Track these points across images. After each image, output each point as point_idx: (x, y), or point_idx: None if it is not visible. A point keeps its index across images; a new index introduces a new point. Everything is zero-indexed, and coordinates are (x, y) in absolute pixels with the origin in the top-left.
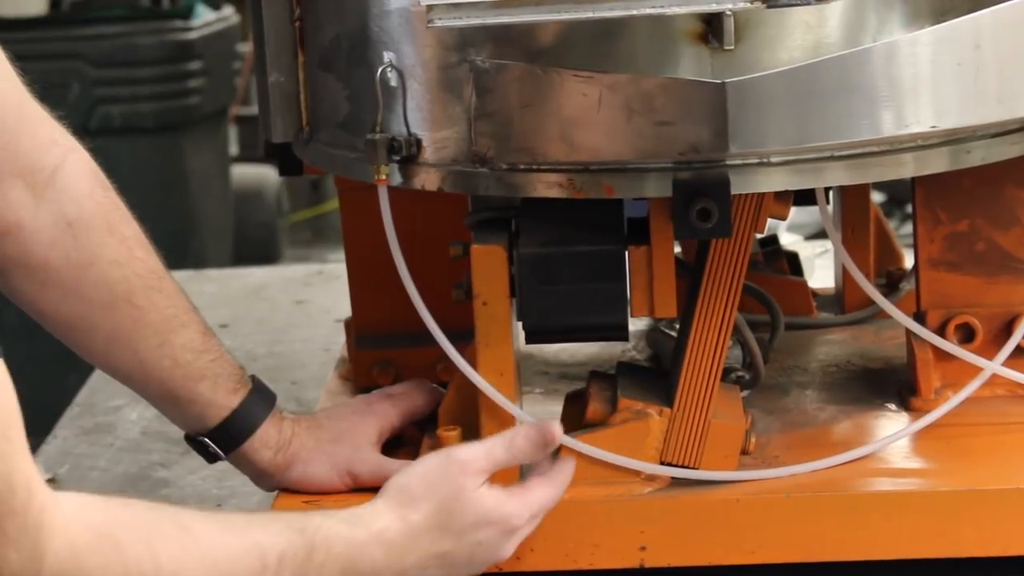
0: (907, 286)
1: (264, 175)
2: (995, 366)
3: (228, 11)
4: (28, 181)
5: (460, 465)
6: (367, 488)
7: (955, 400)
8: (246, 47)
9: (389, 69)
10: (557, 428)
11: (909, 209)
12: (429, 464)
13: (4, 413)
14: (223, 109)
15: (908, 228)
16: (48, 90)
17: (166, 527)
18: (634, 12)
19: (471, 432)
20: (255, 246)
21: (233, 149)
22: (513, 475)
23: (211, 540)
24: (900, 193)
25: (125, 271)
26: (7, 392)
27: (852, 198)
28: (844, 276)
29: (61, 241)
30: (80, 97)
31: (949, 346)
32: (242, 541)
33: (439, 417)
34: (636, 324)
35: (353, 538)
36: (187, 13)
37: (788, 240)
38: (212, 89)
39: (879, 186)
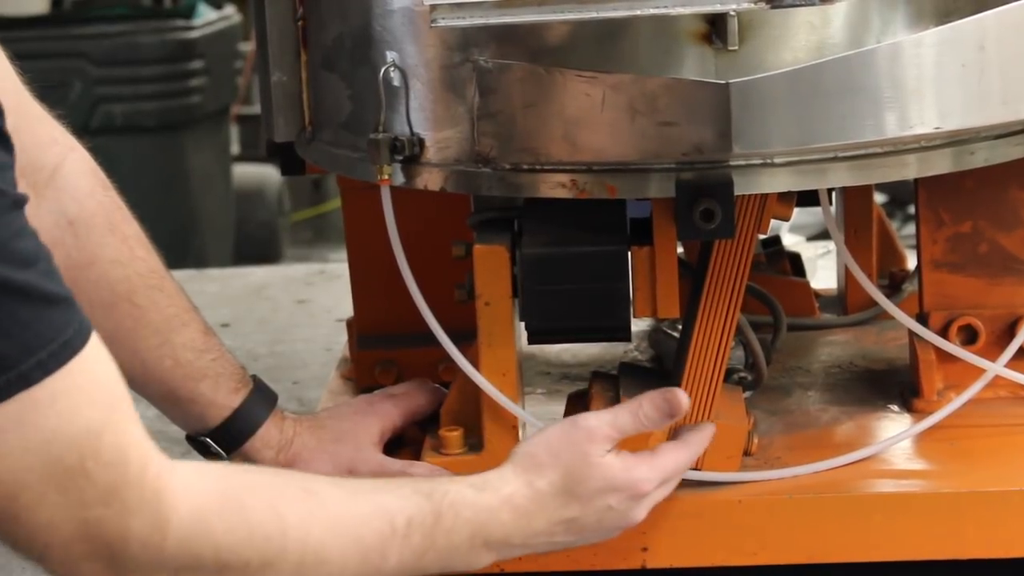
0: (910, 287)
1: (265, 174)
2: (998, 368)
3: (230, 10)
4: (28, 180)
5: (586, 432)
6: None
7: (958, 402)
8: (248, 46)
9: (392, 69)
10: (685, 396)
11: (911, 210)
12: (554, 432)
13: (109, 385)
14: (224, 108)
15: (910, 229)
16: (50, 89)
17: (291, 491)
18: (638, 12)
19: (473, 433)
20: (256, 245)
21: (234, 148)
22: (642, 443)
23: (338, 504)
24: (902, 194)
25: (126, 270)
26: (109, 364)
27: (855, 199)
28: (847, 277)
29: (61, 240)
30: (82, 96)
31: (952, 347)
32: (369, 505)
33: (441, 417)
34: (639, 325)
35: (481, 503)
36: (189, 12)
37: (791, 241)
38: (213, 88)
39: (881, 187)
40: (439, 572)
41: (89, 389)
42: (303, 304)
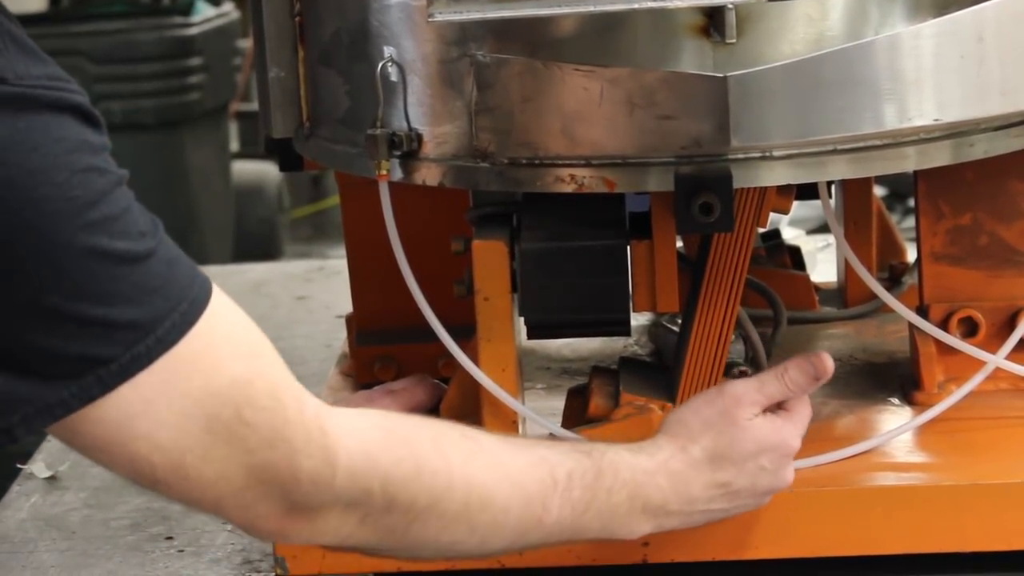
0: (910, 280)
1: (265, 171)
2: (998, 360)
3: (228, 7)
4: None
5: (734, 398)
6: None
7: (959, 394)
8: (246, 43)
9: (389, 64)
10: (829, 360)
11: (911, 203)
12: (703, 400)
13: (246, 333)
14: (223, 105)
15: (910, 222)
16: None
17: (451, 433)
18: (635, 6)
19: None
20: (256, 242)
21: (234, 145)
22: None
23: (498, 451)
24: (902, 187)
25: None
26: (239, 313)
27: (854, 192)
28: (846, 270)
29: None
30: None
31: (952, 340)
32: (529, 455)
33: (441, 413)
34: (638, 319)
35: (639, 465)
36: (187, 9)
37: (790, 234)
38: (212, 85)
39: (881, 180)
40: (597, 535)
41: (227, 341)
42: (302, 300)
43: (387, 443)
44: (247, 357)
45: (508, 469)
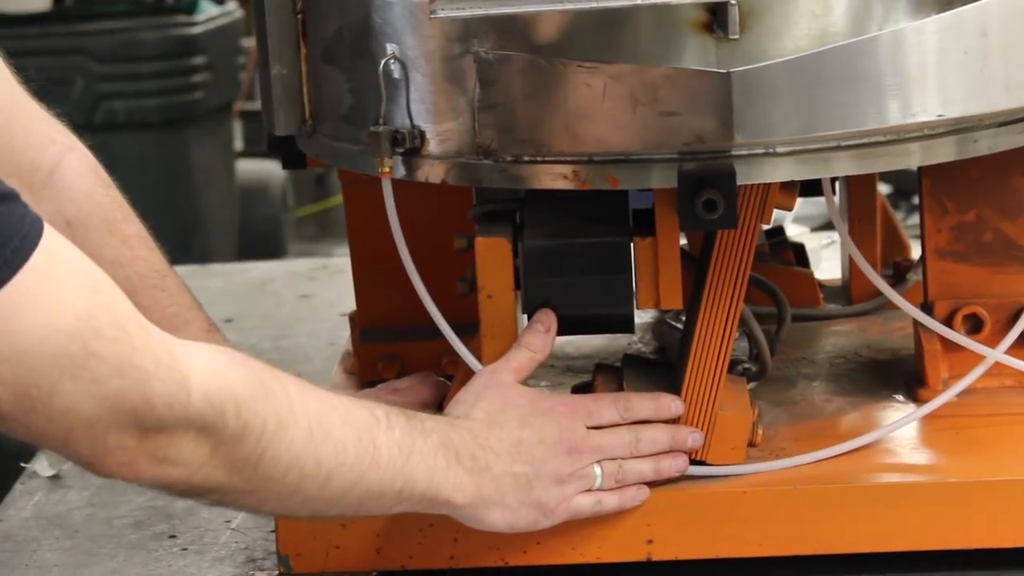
0: (914, 277)
1: (269, 170)
2: (998, 354)
3: (232, 6)
4: (24, 181)
5: (490, 371)
6: None
7: (958, 387)
8: (250, 42)
9: (392, 61)
10: (550, 313)
11: (915, 200)
12: (468, 383)
13: (84, 269)
14: (227, 104)
15: (915, 219)
16: (52, 86)
17: (276, 371)
18: (638, 2)
19: None
20: (260, 241)
21: (238, 144)
22: None
23: (319, 389)
24: (906, 184)
25: (126, 271)
26: (75, 250)
27: (858, 189)
28: (851, 267)
29: None
30: (84, 92)
31: (956, 336)
32: (344, 397)
33: (444, 410)
34: (642, 316)
35: (440, 418)
36: (191, 8)
37: (795, 231)
38: (216, 84)
39: (885, 177)
40: (425, 490)
41: (66, 278)
42: (306, 299)
43: (233, 364)
44: (88, 292)
45: (334, 403)
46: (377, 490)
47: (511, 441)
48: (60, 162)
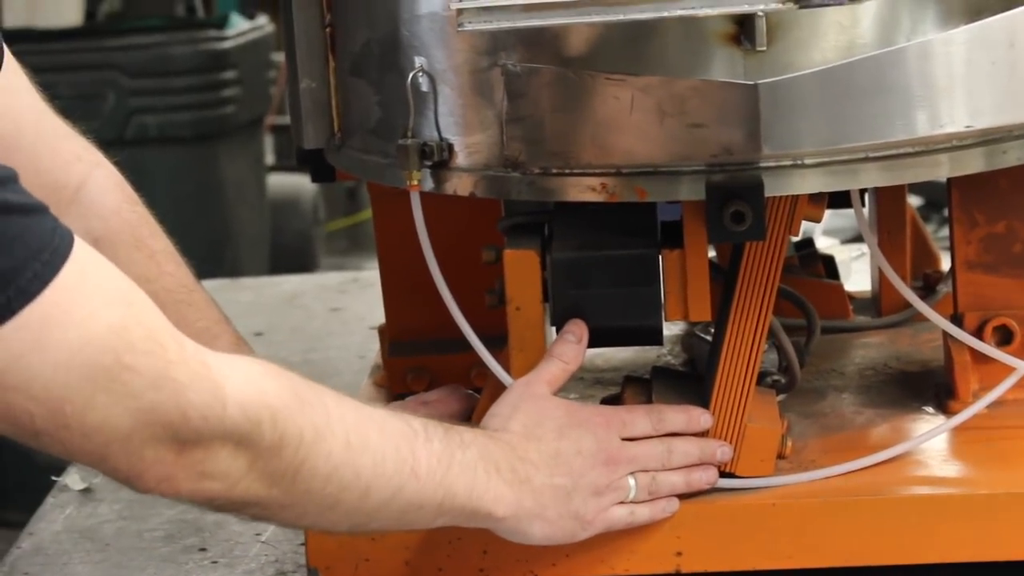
0: (944, 288)
1: (300, 184)
2: None
3: (262, 20)
4: (51, 199)
5: (524, 382)
6: None
7: (987, 399)
8: (281, 56)
9: (420, 74)
10: (580, 323)
11: (947, 213)
12: (502, 396)
13: (115, 281)
14: (259, 118)
15: (946, 232)
16: (84, 101)
17: (317, 385)
18: (665, 14)
19: None
20: (291, 255)
21: (269, 158)
22: None
23: (355, 402)
24: (938, 197)
25: (154, 286)
26: (106, 263)
27: (888, 200)
28: (880, 279)
29: None
30: (116, 107)
31: (986, 348)
32: (382, 410)
33: (474, 423)
34: (671, 328)
35: (476, 431)
36: (222, 23)
37: (824, 243)
38: (247, 98)
39: (917, 189)
40: (465, 503)
41: (96, 291)
42: (336, 312)
43: (268, 374)
44: (121, 304)
45: (371, 414)
46: (417, 502)
47: (549, 453)
48: (86, 179)
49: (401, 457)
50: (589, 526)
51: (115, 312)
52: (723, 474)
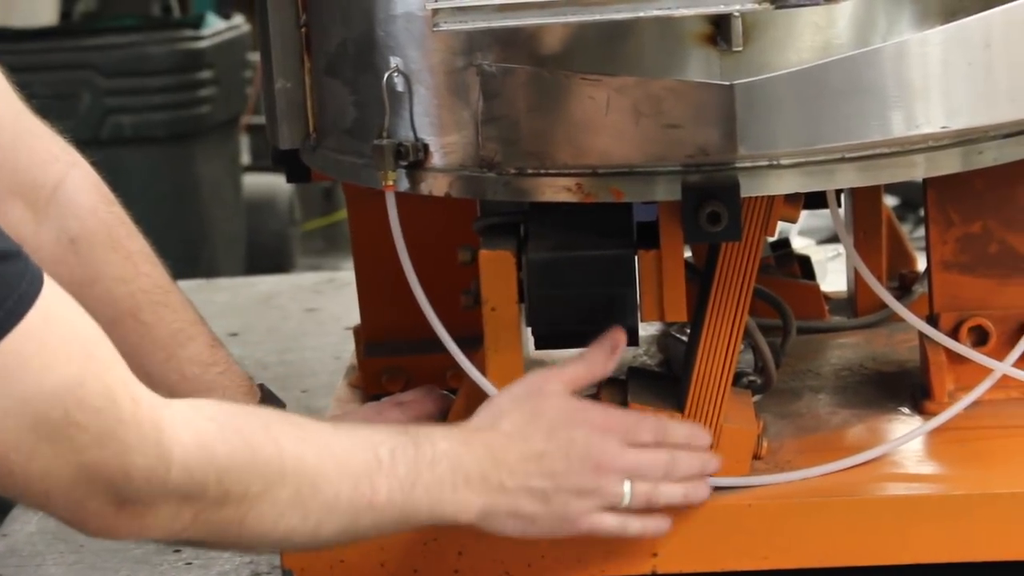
0: (920, 289)
1: (276, 184)
2: (1005, 367)
3: (238, 20)
4: (28, 199)
5: (541, 376)
6: None
7: (965, 401)
8: (257, 56)
9: (395, 74)
10: (622, 333)
11: (923, 213)
12: (513, 384)
13: (80, 331)
14: (234, 118)
15: (922, 232)
16: (59, 101)
17: (279, 421)
18: (641, 14)
19: None
20: (268, 255)
21: (245, 158)
22: None
23: (324, 435)
24: (914, 197)
25: (130, 287)
26: (75, 310)
27: (864, 201)
28: (856, 279)
29: (64, 259)
30: (91, 107)
31: (962, 348)
32: (352, 437)
33: (449, 422)
34: (647, 329)
35: (455, 436)
36: (197, 22)
37: (800, 244)
38: (223, 98)
39: (893, 189)
40: (428, 516)
41: (58, 341)
42: (312, 313)
43: (222, 434)
44: (80, 358)
45: (334, 451)
46: (373, 527)
47: (533, 455)
48: (63, 179)
49: (359, 493)
50: (571, 526)
51: (73, 365)
52: None
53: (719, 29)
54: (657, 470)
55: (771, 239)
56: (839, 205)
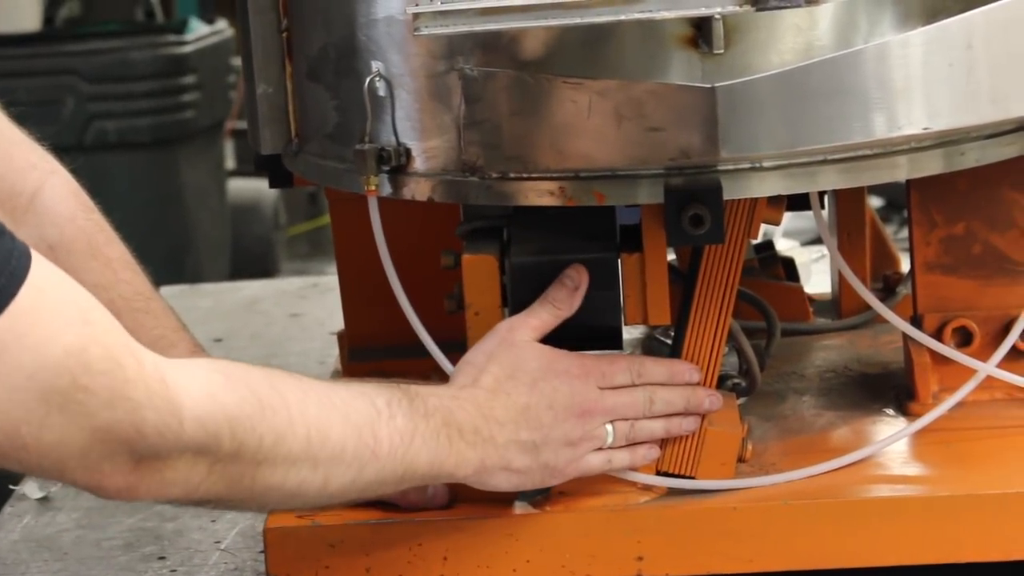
0: (904, 290)
1: (261, 189)
2: (989, 368)
3: (222, 24)
4: (6, 207)
5: (508, 326)
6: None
7: (949, 402)
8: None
9: (377, 79)
10: (582, 269)
11: (907, 214)
12: (483, 340)
13: (74, 299)
14: (219, 123)
15: (907, 233)
16: (42, 106)
17: (280, 375)
18: (623, 17)
19: None
20: (252, 260)
21: (229, 163)
22: None
23: (323, 388)
24: (898, 198)
25: (110, 294)
26: (65, 279)
27: (847, 202)
28: (840, 281)
29: None
30: (75, 113)
31: (946, 350)
32: (350, 390)
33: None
34: (631, 332)
35: (443, 392)
36: (181, 27)
37: (784, 246)
38: (207, 103)
39: (877, 191)
40: (428, 470)
41: (55, 312)
42: (296, 318)
43: (229, 383)
44: (78, 324)
45: (335, 402)
46: (378, 480)
47: (518, 408)
48: (42, 187)
49: (363, 443)
50: (560, 474)
51: (72, 333)
52: (682, 477)
53: (700, 32)
54: (636, 409)
55: (755, 241)
56: (822, 207)
